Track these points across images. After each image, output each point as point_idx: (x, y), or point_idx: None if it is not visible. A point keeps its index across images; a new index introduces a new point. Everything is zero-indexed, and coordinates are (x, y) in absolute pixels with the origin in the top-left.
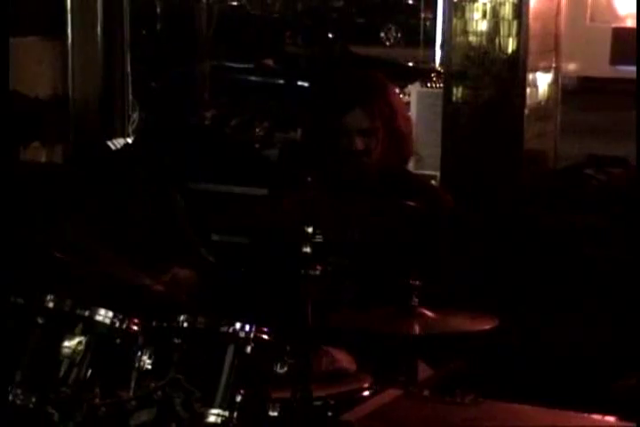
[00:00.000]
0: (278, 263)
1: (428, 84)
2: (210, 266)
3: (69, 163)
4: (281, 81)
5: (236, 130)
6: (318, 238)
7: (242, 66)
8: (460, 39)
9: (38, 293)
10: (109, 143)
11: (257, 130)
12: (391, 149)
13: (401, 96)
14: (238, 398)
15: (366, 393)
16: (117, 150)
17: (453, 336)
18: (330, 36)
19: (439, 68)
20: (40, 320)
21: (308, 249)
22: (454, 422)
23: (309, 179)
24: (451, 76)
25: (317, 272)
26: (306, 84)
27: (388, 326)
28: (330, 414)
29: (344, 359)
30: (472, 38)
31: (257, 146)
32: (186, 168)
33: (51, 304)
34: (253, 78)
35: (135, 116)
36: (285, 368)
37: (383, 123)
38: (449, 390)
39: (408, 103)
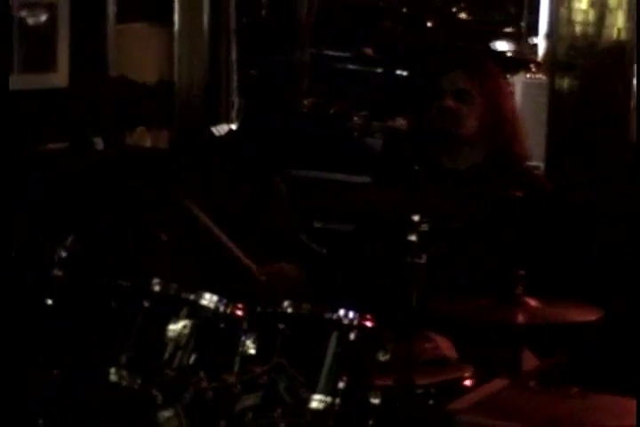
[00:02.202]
0: (383, 251)
1: (529, 75)
2: (311, 253)
3: (174, 148)
4: (379, 70)
5: (334, 118)
6: (424, 227)
7: (341, 54)
8: (565, 29)
9: (145, 276)
10: (213, 129)
11: (355, 118)
12: (490, 126)
13: None
14: (341, 385)
15: (467, 382)
16: (221, 136)
17: (560, 326)
18: (429, 24)
19: (539, 59)
20: (146, 303)
21: (413, 237)
22: (561, 414)
23: (417, 168)
24: (556, 66)
25: (423, 260)
26: (404, 73)
27: (492, 315)
28: (431, 402)
29: (446, 347)
30: (578, 28)
31: (355, 134)
32: (288, 155)
33: (157, 288)
34: (352, 67)
35: (236, 101)
36: (388, 356)
37: (481, 91)
38: (553, 381)
39: (511, 93)
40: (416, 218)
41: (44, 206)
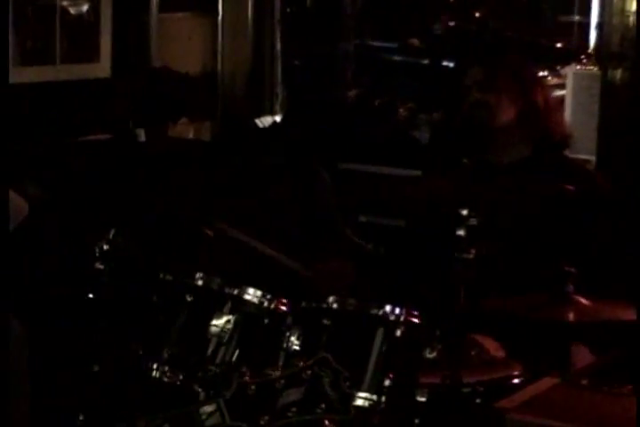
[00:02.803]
0: (431, 246)
1: (580, 67)
2: (356, 248)
3: (216, 140)
4: (425, 61)
5: (379, 110)
6: (473, 221)
7: (386, 45)
8: (618, 19)
9: (188, 270)
10: (257, 121)
11: (401, 110)
12: (526, 115)
13: (555, 78)
14: (387, 383)
15: (516, 381)
16: (265, 128)
17: (611, 325)
18: (477, 15)
19: (590, 50)
20: (189, 298)
21: (462, 232)
22: (615, 413)
23: (465, 161)
24: (609, 57)
25: (471, 256)
26: (451, 65)
27: (542, 312)
28: (478, 401)
29: (492, 348)
30: (631, 18)
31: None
32: (333, 148)
33: (200, 282)
34: (397, 58)
35: (280, 93)
36: (435, 353)
37: (505, 80)
38: (605, 380)
39: (562, 85)
40: (464, 212)
41: (85, 198)
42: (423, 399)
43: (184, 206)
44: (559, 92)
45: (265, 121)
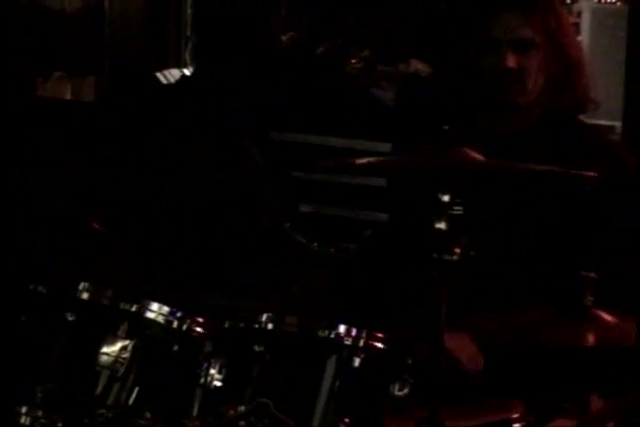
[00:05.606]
0: (401, 245)
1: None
2: (296, 247)
3: (103, 101)
4: None
5: (323, 60)
6: (458, 210)
7: None
8: None
9: (68, 279)
10: (159, 75)
11: (352, 60)
12: (558, 84)
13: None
14: None
15: (517, 426)
16: (170, 85)
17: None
18: None
19: None
20: (70, 317)
21: (442, 225)
22: None
23: (446, 128)
24: None
25: (455, 257)
26: None
27: (550, 333)
28: None
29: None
30: None
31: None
32: (265, 112)
33: (85, 295)
34: None
35: (190, 37)
36: (406, 390)
37: (547, 38)
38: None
39: (576, 25)
40: (445, 198)
41: None
42: None
43: (62, 190)
44: None
45: (170, 75)
